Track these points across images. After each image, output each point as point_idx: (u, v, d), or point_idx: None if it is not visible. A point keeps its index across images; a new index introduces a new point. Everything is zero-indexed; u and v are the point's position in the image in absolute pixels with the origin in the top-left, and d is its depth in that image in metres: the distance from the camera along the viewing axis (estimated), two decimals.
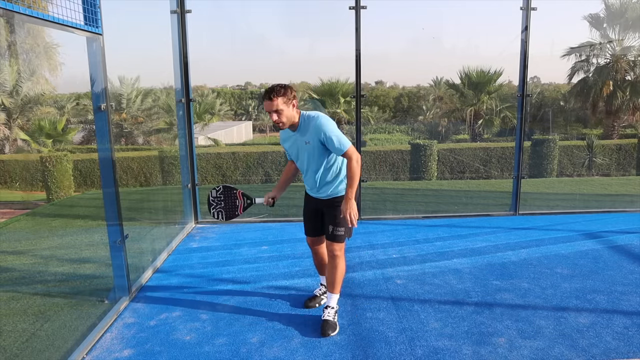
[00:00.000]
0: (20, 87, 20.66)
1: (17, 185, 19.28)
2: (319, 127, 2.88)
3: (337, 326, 3.12)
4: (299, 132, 2.98)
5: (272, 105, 2.84)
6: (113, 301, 3.50)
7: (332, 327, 3.08)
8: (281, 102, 2.84)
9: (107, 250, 3.49)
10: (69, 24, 2.83)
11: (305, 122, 2.94)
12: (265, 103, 2.87)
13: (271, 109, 2.85)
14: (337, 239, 3.09)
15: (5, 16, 2.39)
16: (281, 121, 2.88)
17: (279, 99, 2.83)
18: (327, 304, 3.19)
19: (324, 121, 2.89)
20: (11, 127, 20.72)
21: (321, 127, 2.88)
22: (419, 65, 48.65)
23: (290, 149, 3.14)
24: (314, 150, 2.97)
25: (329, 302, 3.18)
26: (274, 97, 2.83)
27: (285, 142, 3.15)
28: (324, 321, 3.12)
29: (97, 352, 2.91)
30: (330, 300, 3.18)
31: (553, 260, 4.29)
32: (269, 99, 2.84)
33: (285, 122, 2.90)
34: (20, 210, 15.18)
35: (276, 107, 2.84)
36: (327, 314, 3.15)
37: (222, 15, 44.62)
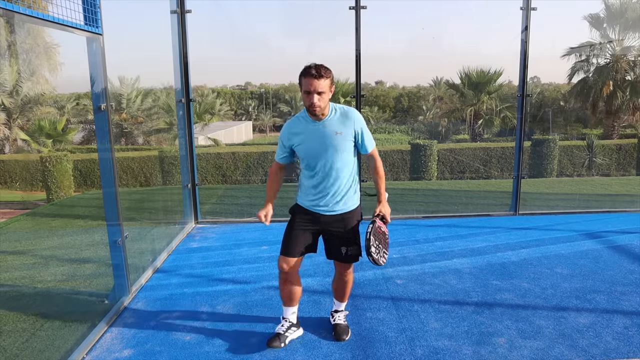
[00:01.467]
0: (20, 87, 20.67)
1: (17, 185, 19.29)
2: (358, 118, 2.66)
3: (349, 329, 3.07)
4: (326, 122, 2.63)
5: (317, 85, 2.47)
6: (113, 301, 3.50)
7: (345, 331, 3.02)
8: (327, 85, 2.52)
9: (107, 250, 3.49)
10: (69, 24, 2.83)
11: (339, 112, 2.65)
12: (307, 80, 2.48)
13: (315, 89, 2.48)
14: (352, 260, 2.84)
15: (5, 16, 2.39)
16: (319, 105, 2.53)
17: (327, 81, 2.51)
18: (335, 308, 3.11)
19: (359, 114, 2.70)
20: (11, 127, 20.73)
21: (360, 118, 2.68)
22: (419, 65, 48.73)
23: (302, 144, 2.69)
24: (346, 143, 2.65)
25: (338, 308, 3.10)
26: (323, 76, 2.49)
27: (296, 136, 2.69)
28: (336, 325, 3.05)
29: (97, 352, 2.91)
30: (339, 306, 3.10)
31: (553, 260, 4.29)
32: (316, 76, 2.47)
33: (322, 108, 2.56)
34: (20, 210, 15.18)
35: (321, 88, 2.49)
36: (337, 318, 3.08)
37: (222, 15, 44.64)
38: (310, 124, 2.66)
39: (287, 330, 2.96)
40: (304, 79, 2.51)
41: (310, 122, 2.66)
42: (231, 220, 5.82)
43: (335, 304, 3.11)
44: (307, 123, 2.67)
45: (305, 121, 2.68)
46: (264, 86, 44.73)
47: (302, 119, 2.70)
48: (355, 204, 2.80)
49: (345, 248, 2.78)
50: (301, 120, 2.70)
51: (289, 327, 2.97)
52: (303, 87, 2.53)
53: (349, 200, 2.76)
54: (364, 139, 2.70)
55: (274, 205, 2.89)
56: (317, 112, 2.57)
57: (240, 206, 7.77)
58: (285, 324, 2.97)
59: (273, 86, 44.48)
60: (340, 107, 2.68)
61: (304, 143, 2.68)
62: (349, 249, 2.79)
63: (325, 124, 2.64)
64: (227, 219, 5.85)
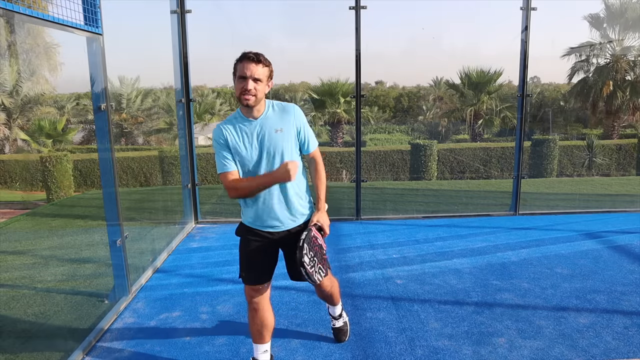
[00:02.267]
0: (20, 87, 20.68)
1: (17, 185, 19.29)
2: (299, 113, 2.40)
3: (348, 330, 3.00)
4: (262, 120, 2.33)
5: (254, 70, 2.21)
6: (113, 301, 3.50)
7: (344, 333, 2.97)
8: (266, 73, 2.27)
9: (107, 250, 3.50)
10: (69, 24, 2.83)
11: (277, 107, 2.38)
12: (245, 64, 2.22)
13: (251, 74, 2.21)
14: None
15: (5, 16, 2.39)
16: (255, 94, 2.24)
17: (265, 69, 2.26)
18: (331, 314, 2.96)
19: (301, 110, 2.43)
20: (11, 127, 20.73)
21: (301, 113, 2.41)
22: (419, 65, 48.73)
23: (237, 148, 2.32)
24: (288, 143, 2.34)
25: (333, 312, 2.94)
26: (263, 63, 2.25)
27: (231, 138, 2.33)
28: (335, 328, 2.97)
29: (97, 352, 2.91)
30: (334, 310, 2.93)
31: (553, 260, 4.29)
32: (254, 59, 2.22)
33: (257, 98, 2.26)
34: (20, 210, 15.19)
35: (258, 75, 2.23)
36: (336, 322, 2.98)
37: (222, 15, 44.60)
38: (245, 123, 2.33)
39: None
40: (239, 63, 2.24)
41: (244, 120, 2.33)
42: (231, 220, 5.82)
43: (330, 309, 2.95)
44: (242, 122, 2.34)
45: (239, 120, 2.35)
46: None
47: (235, 119, 2.36)
48: (309, 213, 2.50)
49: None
50: (235, 121, 2.36)
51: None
52: (238, 72, 2.24)
53: (303, 208, 2.46)
54: (307, 136, 2.43)
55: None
56: (251, 101, 2.24)
57: (240, 206, 7.75)
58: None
59: (273, 86, 44.42)
60: (278, 102, 2.41)
61: (239, 147, 2.32)
62: None
63: (262, 122, 2.33)
64: (227, 219, 5.85)
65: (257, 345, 2.58)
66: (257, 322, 2.52)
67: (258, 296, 2.49)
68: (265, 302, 2.52)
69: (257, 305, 2.49)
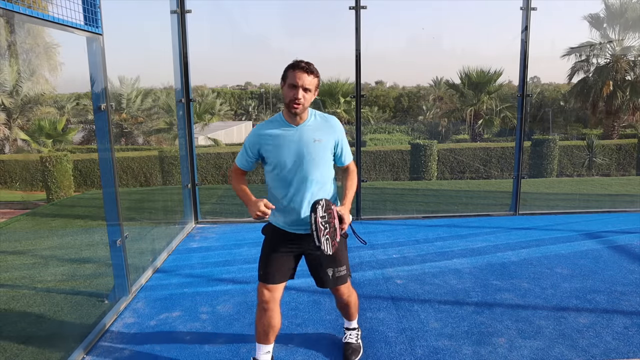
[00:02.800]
0: (20, 87, 20.68)
1: (17, 185, 19.29)
2: (339, 127, 2.48)
3: (360, 349, 2.85)
4: (303, 128, 2.39)
5: (305, 80, 2.28)
6: (113, 301, 3.50)
7: (356, 351, 2.80)
8: (315, 83, 2.34)
9: (107, 250, 3.50)
10: (69, 24, 2.83)
11: (319, 118, 2.45)
12: (295, 72, 2.28)
13: (302, 84, 2.28)
14: (342, 281, 2.57)
15: (5, 16, 2.39)
16: (303, 103, 2.30)
17: (315, 80, 2.33)
18: (346, 326, 2.89)
19: (340, 123, 2.51)
20: (11, 127, 20.73)
21: (341, 127, 2.49)
22: (419, 65, 48.74)
23: (274, 152, 2.39)
24: (326, 152, 2.43)
25: (349, 325, 2.89)
26: (313, 73, 2.31)
27: (266, 141, 2.40)
28: (347, 344, 2.83)
29: (97, 352, 2.91)
30: (350, 324, 2.88)
31: (553, 260, 4.29)
32: (306, 70, 2.29)
33: (304, 107, 2.33)
34: (20, 210, 15.19)
35: (309, 85, 2.30)
36: (349, 336, 2.86)
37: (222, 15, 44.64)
38: (285, 129, 2.39)
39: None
40: (291, 71, 2.30)
41: (286, 125, 2.39)
42: (231, 220, 5.82)
43: (346, 322, 2.90)
44: (282, 127, 2.39)
45: (280, 125, 2.40)
46: (264, 86, 44.74)
47: (276, 123, 2.42)
48: None
49: (332, 269, 2.52)
50: (276, 124, 2.41)
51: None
52: (288, 79, 2.30)
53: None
54: (344, 150, 2.52)
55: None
56: (299, 110, 2.31)
57: (240, 206, 7.76)
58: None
59: (273, 86, 44.46)
60: (321, 113, 2.47)
61: (276, 150, 2.38)
62: (336, 270, 2.52)
63: (303, 129, 2.39)
64: (227, 219, 5.85)
65: (260, 345, 2.57)
66: (264, 322, 2.51)
67: (269, 296, 2.49)
68: (275, 304, 2.51)
69: (266, 305, 2.49)
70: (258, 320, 2.53)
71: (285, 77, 2.34)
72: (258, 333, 2.55)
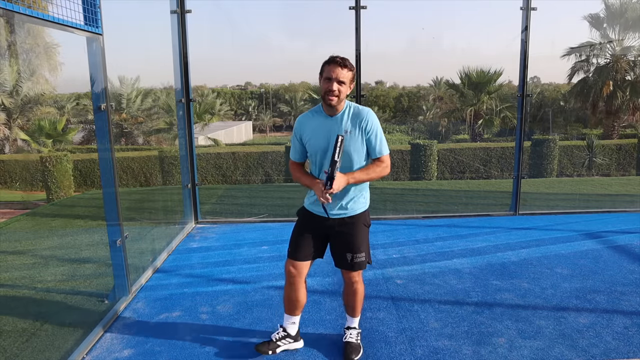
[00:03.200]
0: (20, 87, 20.68)
1: (17, 185, 19.29)
2: (371, 118, 2.54)
3: (361, 348, 2.86)
4: (338, 118, 2.55)
5: (339, 73, 2.44)
6: (113, 301, 3.50)
7: (356, 350, 2.81)
8: (349, 77, 2.49)
9: (107, 250, 3.49)
10: (69, 24, 2.83)
11: (353, 110, 2.57)
12: (332, 67, 2.45)
13: (337, 77, 2.43)
14: (358, 267, 2.68)
15: (5, 16, 2.39)
16: (338, 95, 2.46)
17: (349, 73, 2.48)
18: (347, 325, 2.93)
19: (374, 115, 2.58)
20: (11, 127, 20.74)
21: (373, 119, 2.55)
22: (419, 65, 48.77)
23: (311, 140, 2.60)
24: (356, 143, 2.54)
25: (350, 324, 2.92)
26: (348, 67, 2.46)
27: (305, 129, 2.62)
28: (347, 343, 2.84)
29: (97, 352, 2.91)
30: (351, 322, 2.92)
31: (553, 260, 4.29)
32: (341, 64, 2.45)
33: (339, 98, 2.48)
34: (20, 210, 15.18)
35: (344, 78, 2.45)
36: (349, 335, 2.88)
37: (222, 15, 44.67)
38: (322, 118, 2.58)
39: (280, 339, 2.81)
40: (327, 66, 2.47)
41: (322, 116, 2.58)
42: (231, 220, 5.82)
43: (348, 320, 2.94)
44: (319, 117, 2.59)
45: (318, 115, 2.61)
46: (264, 86, 44.76)
47: (314, 113, 2.63)
48: (361, 208, 2.66)
49: (351, 255, 2.65)
50: (314, 114, 2.63)
51: (284, 337, 2.82)
52: (324, 73, 2.47)
53: (355, 203, 2.63)
54: (374, 141, 2.56)
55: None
56: (334, 102, 2.47)
57: (240, 206, 7.77)
58: (280, 332, 2.83)
59: (273, 86, 44.51)
60: (356, 105, 2.59)
61: (313, 138, 2.59)
62: (355, 255, 2.65)
63: (337, 120, 2.55)
64: (227, 219, 5.85)
65: (287, 315, 2.84)
66: (290, 296, 2.76)
67: (295, 272, 2.69)
68: (300, 281, 2.71)
69: (292, 280, 2.70)
70: (285, 293, 2.78)
71: (322, 72, 2.51)
72: (285, 304, 2.82)
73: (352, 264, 2.67)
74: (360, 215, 2.66)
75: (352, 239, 2.64)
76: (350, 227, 2.65)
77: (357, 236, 2.65)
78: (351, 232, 2.65)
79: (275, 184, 18.05)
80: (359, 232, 2.66)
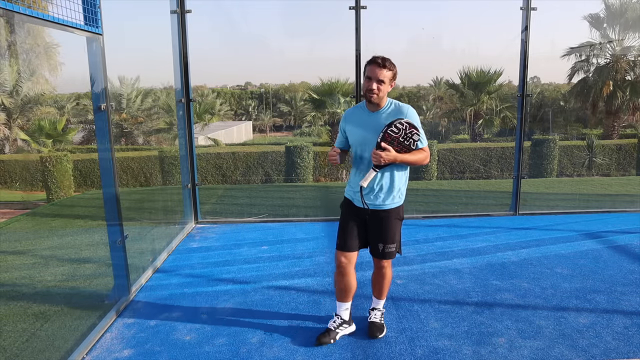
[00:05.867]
0: (20, 87, 20.66)
1: (17, 185, 19.28)
2: (411, 114, 2.70)
3: (384, 328, 3.07)
4: (380, 113, 2.73)
5: (379, 73, 2.62)
6: (113, 301, 3.50)
7: (379, 329, 3.03)
8: (389, 76, 2.66)
9: (107, 250, 3.49)
10: (69, 24, 2.83)
11: (394, 106, 2.74)
12: (371, 67, 2.64)
13: (377, 76, 2.62)
14: (389, 256, 2.90)
15: (5, 16, 2.39)
16: (378, 93, 2.65)
17: (390, 73, 2.66)
18: (373, 306, 3.12)
19: (414, 111, 2.74)
20: (11, 127, 20.73)
21: (413, 115, 2.70)
22: (419, 65, 48.71)
23: (353, 132, 2.80)
24: None
25: (376, 305, 3.11)
26: (387, 67, 2.64)
27: (350, 123, 2.82)
28: (371, 323, 3.06)
29: (97, 352, 2.91)
30: (377, 303, 3.11)
31: (553, 260, 4.29)
32: (380, 65, 2.63)
33: (379, 97, 2.67)
34: (20, 210, 15.18)
35: (383, 77, 2.63)
36: (373, 316, 3.09)
37: (222, 15, 44.69)
38: (365, 114, 2.78)
39: (338, 326, 2.99)
40: (368, 66, 2.66)
41: (365, 111, 2.78)
42: (231, 220, 5.82)
43: (374, 301, 3.13)
44: (363, 112, 2.79)
45: (362, 110, 2.81)
46: (264, 86, 44.75)
47: (359, 108, 2.83)
48: (395, 203, 2.82)
49: (383, 245, 2.85)
50: (358, 109, 2.83)
51: (340, 324, 3.00)
52: (366, 72, 2.67)
53: (390, 197, 2.79)
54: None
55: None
56: (374, 99, 2.66)
57: (240, 206, 7.77)
58: (337, 320, 3.00)
59: (273, 86, 44.48)
60: (398, 102, 2.77)
61: (355, 131, 2.79)
62: (387, 246, 2.85)
63: (379, 115, 2.73)
64: (227, 219, 5.85)
65: (339, 303, 3.00)
66: (342, 284, 2.93)
67: (345, 262, 2.87)
68: (351, 269, 2.90)
69: (343, 270, 2.88)
70: (337, 282, 2.94)
71: (365, 71, 2.70)
72: (337, 293, 2.98)
73: (384, 253, 2.87)
74: (394, 210, 2.83)
75: (385, 230, 2.83)
76: (384, 220, 2.82)
77: (389, 228, 2.83)
78: (385, 224, 2.83)
79: (275, 184, 18.05)
80: (392, 224, 2.84)
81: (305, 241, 4.90)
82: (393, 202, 2.82)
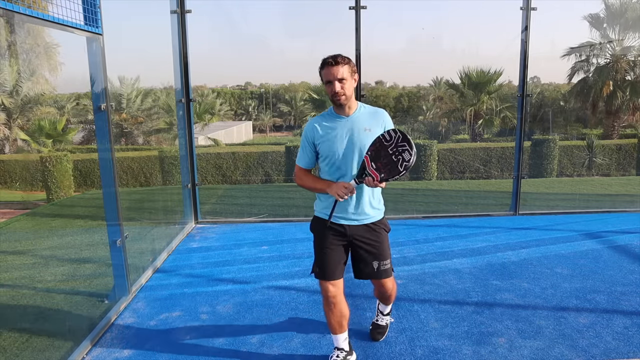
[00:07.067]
0: (20, 87, 20.67)
1: (17, 185, 19.29)
2: (387, 118, 2.51)
3: (386, 332, 3.05)
4: (353, 117, 2.48)
5: (336, 72, 2.37)
6: (113, 301, 3.50)
7: (382, 333, 3.01)
8: (347, 70, 2.41)
9: (107, 250, 3.50)
10: (69, 24, 2.83)
11: (368, 109, 2.53)
12: (326, 69, 2.39)
13: (335, 77, 2.37)
14: (385, 275, 2.62)
15: (5, 16, 2.39)
16: (344, 93, 2.40)
17: (345, 67, 2.40)
18: (381, 310, 3.03)
19: (389, 116, 2.55)
20: (11, 127, 20.73)
21: (388, 119, 2.51)
22: (419, 65, 48.75)
23: (326, 141, 2.47)
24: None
25: (383, 310, 3.02)
26: (340, 63, 2.39)
27: (320, 131, 2.49)
28: (375, 324, 3.04)
29: (97, 352, 2.91)
30: (384, 309, 3.02)
31: (553, 260, 4.29)
32: (333, 63, 2.38)
33: (347, 96, 2.41)
34: (20, 210, 15.18)
35: (341, 75, 2.38)
36: (380, 319, 3.04)
37: (222, 15, 44.70)
38: (336, 120, 2.49)
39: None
40: (322, 70, 2.42)
41: (336, 117, 2.50)
42: (231, 220, 5.82)
43: (380, 306, 3.02)
44: (334, 119, 2.50)
45: (332, 117, 2.51)
46: (264, 86, 44.74)
47: (327, 117, 2.54)
48: (381, 213, 2.61)
49: (378, 262, 2.57)
50: (326, 118, 2.53)
51: (344, 357, 2.69)
52: (324, 78, 2.43)
53: (376, 208, 2.57)
54: None
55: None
56: (342, 100, 2.41)
57: (240, 206, 7.77)
58: (340, 354, 2.68)
59: (273, 86, 44.48)
60: (369, 106, 2.57)
61: (328, 139, 2.47)
62: (381, 263, 2.58)
63: (353, 119, 2.47)
64: (227, 219, 5.85)
65: (337, 336, 2.68)
66: (336, 315, 2.60)
67: (335, 291, 2.56)
68: (341, 296, 2.59)
69: (334, 299, 2.57)
70: (329, 314, 2.61)
71: (321, 78, 2.46)
72: (332, 326, 2.64)
73: (379, 272, 2.59)
74: (382, 221, 2.60)
75: (378, 246, 2.56)
76: (374, 234, 2.56)
77: (382, 243, 2.58)
78: (377, 239, 2.56)
79: (275, 184, 18.05)
80: (384, 238, 2.59)
81: (305, 241, 4.90)
82: (380, 213, 2.59)
